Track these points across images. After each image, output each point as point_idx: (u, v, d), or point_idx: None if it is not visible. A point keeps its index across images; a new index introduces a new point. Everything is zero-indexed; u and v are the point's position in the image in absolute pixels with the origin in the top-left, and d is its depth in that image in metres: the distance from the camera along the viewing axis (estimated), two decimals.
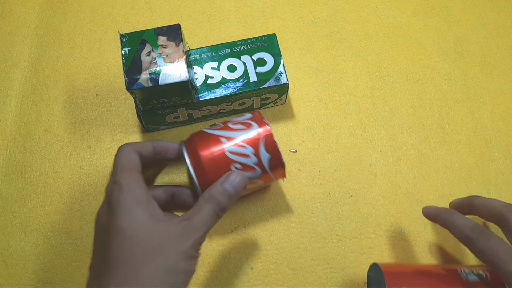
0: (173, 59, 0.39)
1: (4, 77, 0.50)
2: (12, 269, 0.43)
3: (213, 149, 0.37)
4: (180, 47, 0.40)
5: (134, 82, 0.38)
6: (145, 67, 0.39)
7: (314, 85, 0.50)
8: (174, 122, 0.46)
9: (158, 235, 0.32)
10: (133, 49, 0.40)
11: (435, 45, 0.53)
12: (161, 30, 0.40)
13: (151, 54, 0.39)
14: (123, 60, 0.39)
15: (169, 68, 0.39)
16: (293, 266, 0.43)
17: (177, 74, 0.39)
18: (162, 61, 0.39)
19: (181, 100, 0.42)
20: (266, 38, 0.46)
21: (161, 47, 0.40)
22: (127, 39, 0.40)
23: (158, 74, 0.39)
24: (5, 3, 0.54)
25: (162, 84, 0.38)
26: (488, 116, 0.50)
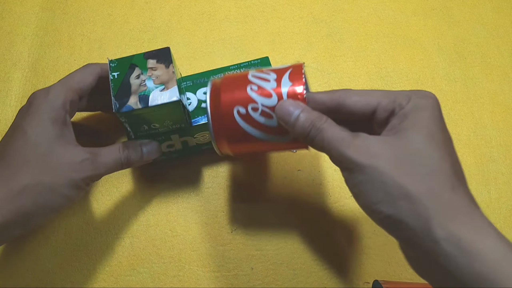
0: (163, 80, 0.38)
1: (4, 77, 0.50)
2: (12, 269, 0.43)
3: (236, 75, 0.36)
4: (170, 68, 0.39)
5: (123, 105, 0.37)
6: (134, 89, 0.38)
7: (314, 85, 0.50)
8: (169, 151, 0.44)
9: (57, 155, 0.34)
10: (122, 73, 0.39)
11: (435, 45, 0.53)
12: (150, 53, 0.40)
13: (140, 77, 0.39)
14: (111, 85, 0.38)
15: (159, 89, 0.38)
16: (293, 266, 0.43)
17: (167, 95, 0.38)
18: (152, 83, 0.38)
19: (174, 125, 0.41)
20: (259, 61, 0.46)
21: (151, 69, 0.39)
22: (116, 64, 0.39)
23: (147, 95, 0.38)
24: (5, 3, 0.54)
25: (152, 105, 0.37)
26: (488, 116, 0.50)
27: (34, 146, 0.34)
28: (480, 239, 0.27)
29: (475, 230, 0.27)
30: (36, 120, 0.35)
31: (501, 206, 0.46)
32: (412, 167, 0.28)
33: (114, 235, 0.44)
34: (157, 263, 0.43)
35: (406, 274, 0.43)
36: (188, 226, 0.44)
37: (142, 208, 0.45)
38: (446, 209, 0.28)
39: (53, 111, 0.35)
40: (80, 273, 0.43)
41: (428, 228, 0.27)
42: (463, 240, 0.26)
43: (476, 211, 0.29)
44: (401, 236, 0.29)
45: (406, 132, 0.29)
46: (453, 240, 0.27)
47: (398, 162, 0.29)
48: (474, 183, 0.47)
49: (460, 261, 0.26)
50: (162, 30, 0.53)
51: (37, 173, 0.33)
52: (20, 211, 0.32)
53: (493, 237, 0.27)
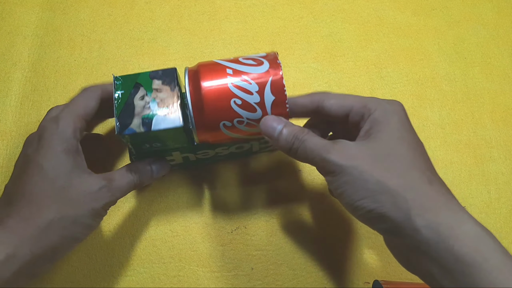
0: (167, 104, 0.38)
1: (4, 77, 0.50)
2: None
3: (216, 80, 0.35)
4: (175, 91, 0.38)
5: (125, 127, 0.37)
6: (138, 111, 0.37)
7: (314, 85, 0.50)
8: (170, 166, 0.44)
9: (76, 186, 0.34)
10: (126, 92, 0.38)
11: (435, 45, 0.53)
12: (156, 73, 0.39)
13: (144, 99, 0.38)
14: (115, 104, 0.37)
15: (163, 112, 0.37)
16: (293, 266, 0.43)
17: (171, 120, 0.37)
18: (156, 106, 0.38)
19: (176, 144, 0.40)
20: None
21: (156, 91, 0.38)
22: (121, 81, 0.38)
23: (151, 119, 0.37)
24: (5, 3, 0.54)
25: (155, 130, 0.37)
26: (488, 116, 0.50)
27: (52, 180, 0.34)
28: (457, 224, 0.29)
29: (453, 217, 0.29)
30: (50, 153, 0.35)
31: (501, 206, 0.46)
32: (389, 165, 0.31)
33: (114, 235, 0.44)
34: (157, 263, 0.43)
35: (406, 274, 0.43)
36: (188, 226, 0.44)
37: (142, 208, 0.45)
38: (425, 200, 0.30)
39: (65, 142, 0.35)
40: (80, 273, 0.43)
41: (408, 218, 0.29)
42: (442, 226, 0.28)
43: (453, 200, 0.31)
44: (384, 229, 0.31)
45: (379, 135, 0.32)
46: (432, 227, 0.28)
47: (376, 162, 0.31)
48: (474, 183, 0.47)
49: (440, 246, 0.28)
50: (162, 30, 0.53)
51: (60, 207, 0.34)
52: (48, 246, 0.33)
53: (470, 223, 0.29)
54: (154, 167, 0.40)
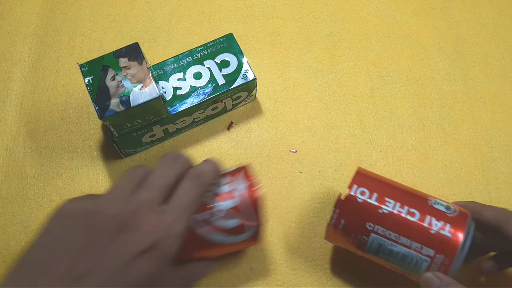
0: (139, 78, 0.38)
1: (4, 77, 0.50)
2: None
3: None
4: (144, 65, 0.39)
5: (105, 109, 0.37)
6: (112, 92, 0.38)
7: (314, 85, 0.50)
8: (151, 141, 0.46)
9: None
10: (96, 77, 0.38)
11: (435, 45, 0.53)
12: (120, 52, 0.40)
13: (116, 78, 0.38)
14: (88, 90, 0.38)
15: (138, 88, 0.38)
16: (293, 266, 0.43)
17: (147, 92, 0.38)
18: (129, 83, 0.38)
19: (155, 117, 0.41)
20: (224, 39, 0.46)
21: (124, 69, 0.39)
22: (87, 68, 0.39)
23: (128, 96, 0.38)
24: (5, 3, 0.54)
25: (135, 105, 0.37)
26: (488, 116, 0.50)
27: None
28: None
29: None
30: (164, 274, 0.30)
31: (501, 206, 0.46)
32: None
33: None
34: None
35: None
36: None
37: None
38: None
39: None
40: None
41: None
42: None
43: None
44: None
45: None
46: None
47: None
48: (474, 183, 0.47)
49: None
50: (162, 30, 0.53)
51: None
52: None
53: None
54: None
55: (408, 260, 0.35)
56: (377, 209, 0.36)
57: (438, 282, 0.33)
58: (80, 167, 0.47)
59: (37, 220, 0.44)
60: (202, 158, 0.47)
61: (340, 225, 0.36)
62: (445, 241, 0.34)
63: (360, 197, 0.36)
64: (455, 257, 0.34)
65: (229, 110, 0.48)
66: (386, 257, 0.36)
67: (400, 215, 0.35)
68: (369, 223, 0.35)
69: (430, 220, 0.35)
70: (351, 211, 0.36)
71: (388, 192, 0.37)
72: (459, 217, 0.35)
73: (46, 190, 0.46)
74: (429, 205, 0.36)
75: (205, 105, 0.44)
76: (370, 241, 0.36)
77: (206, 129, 0.48)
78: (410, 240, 0.34)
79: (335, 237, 0.38)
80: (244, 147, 0.48)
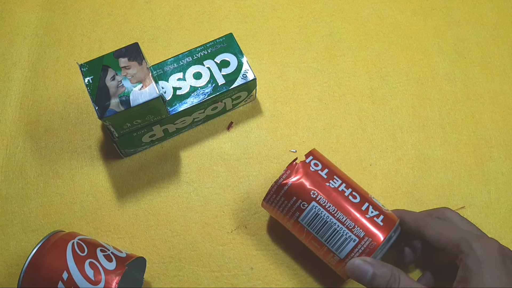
0: (139, 78, 0.38)
1: (4, 77, 0.50)
2: (12, 269, 0.43)
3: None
4: (143, 65, 0.39)
5: (105, 109, 0.37)
6: (112, 92, 0.38)
7: (314, 85, 0.50)
8: (151, 141, 0.46)
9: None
10: (96, 77, 0.39)
11: (435, 45, 0.53)
12: (120, 52, 0.40)
13: (115, 78, 0.38)
14: (88, 90, 0.38)
15: (138, 88, 0.38)
16: (293, 266, 0.43)
17: (147, 92, 0.38)
18: (129, 83, 0.38)
19: (155, 117, 0.41)
20: (224, 39, 0.46)
21: (124, 69, 0.39)
22: (87, 68, 0.39)
23: (128, 96, 0.38)
24: (5, 3, 0.54)
25: (134, 105, 0.38)
26: (488, 116, 0.50)
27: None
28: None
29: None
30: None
31: (501, 206, 0.46)
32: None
33: (114, 235, 0.44)
34: (157, 263, 0.43)
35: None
36: (188, 226, 0.44)
37: (142, 208, 0.45)
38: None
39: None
40: None
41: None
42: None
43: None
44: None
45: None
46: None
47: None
48: (474, 183, 0.47)
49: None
50: (162, 30, 0.53)
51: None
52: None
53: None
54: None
55: (338, 236, 0.37)
56: (325, 182, 0.38)
57: (369, 268, 0.35)
58: (80, 167, 0.47)
59: (37, 220, 0.44)
60: (202, 158, 0.47)
61: (286, 186, 0.38)
62: (376, 227, 0.37)
63: (313, 167, 0.39)
64: (381, 244, 0.36)
65: (229, 110, 0.48)
66: (317, 229, 0.37)
67: (343, 193, 0.38)
68: (314, 191, 0.37)
69: (367, 207, 0.37)
70: (301, 175, 0.38)
71: (337, 173, 0.39)
72: (391, 216, 0.38)
73: (46, 190, 0.46)
74: (369, 196, 0.39)
75: (205, 105, 0.44)
76: (309, 209, 0.37)
77: (206, 129, 0.48)
78: (346, 217, 0.37)
79: (274, 200, 0.39)
80: (244, 147, 0.48)
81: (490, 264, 0.32)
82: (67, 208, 0.45)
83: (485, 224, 0.45)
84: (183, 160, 0.47)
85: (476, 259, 0.32)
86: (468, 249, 0.33)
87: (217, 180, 0.46)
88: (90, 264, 0.35)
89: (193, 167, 0.47)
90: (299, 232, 0.39)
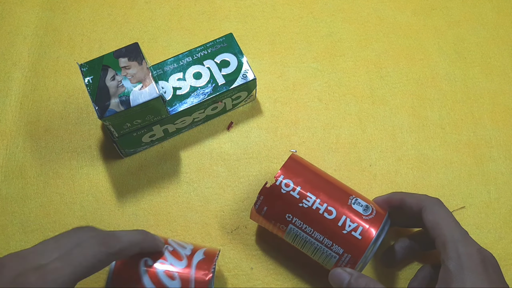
0: (139, 78, 0.38)
1: (4, 77, 0.50)
2: None
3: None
4: (144, 65, 0.39)
5: (105, 109, 0.37)
6: (112, 92, 0.38)
7: (314, 85, 0.50)
8: (151, 141, 0.46)
9: None
10: (96, 77, 0.39)
11: (435, 45, 0.53)
12: (120, 52, 0.40)
13: (115, 78, 0.38)
14: (88, 90, 0.38)
15: (138, 88, 0.38)
16: (293, 266, 0.43)
17: (147, 92, 0.38)
18: (129, 82, 0.38)
19: (155, 117, 0.41)
20: (224, 39, 0.46)
21: (124, 69, 0.39)
22: (87, 68, 0.39)
23: (128, 96, 0.38)
24: (5, 3, 0.54)
25: (134, 105, 0.38)
26: (488, 116, 0.50)
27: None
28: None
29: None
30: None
31: (501, 206, 0.46)
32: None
33: None
34: None
35: (406, 274, 0.43)
36: (188, 226, 0.44)
37: (142, 208, 0.45)
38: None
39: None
40: None
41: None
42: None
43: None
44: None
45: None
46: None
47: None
48: (474, 183, 0.47)
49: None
50: (162, 30, 0.53)
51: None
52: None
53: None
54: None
55: (320, 253, 0.38)
56: (297, 203, 0.38)
57: (347, 277, 0.36)
58: (80, 167, 0.47)
59: (37, 220, 0.44)
60: (202, 158, 0.47)
61: (263, 211, 0.39)
62: (354, 243, 0.36)
63: (284, 188, 0.38)
64: (361, 258, 0.36)
65: (229, 110, 0.48)
66: (301, 246, 0.39)
67: (317, 211, 0.37)
68: (288, 214, 0.38)
69: (344, 221, 0.37)
70: (274, 200, 0.38)
71: (312, 187, 0.38)
72: (374, 219, 0.37)
73: (46, 190, 0.46)
74: (348, 204, 0.38)
75: (205, 105, 0.44)
76: (288, 230, 0.38)
77: (206, 129, 0.48)
78: (323, 237, 0.37)
79: (258, 219, 0.40)
80: (244, 147, 0.48)
81: (472, 271, 0.33)
82: (67, 208, 0.45)
83: (485, 224, 0.45)
84: (183, 160, 0.47)
85: (460, 264, 0.33)
86: (453, 253, 0.33)
87: (217, 180, 0.46)
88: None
89: (193, 167, 0.47)
90: (289, 243, 0.40)
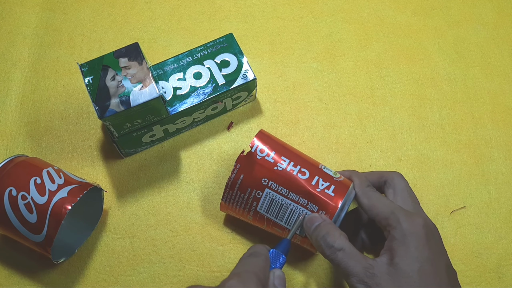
0: (139, 78, 0.38)
1: (4, 77, 0.50)
2: (11, 269, 0.43)
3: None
4: (144, 65, 0.39)
5: (105, 109, 0.37)
6: (112, 92, 0.38)
7: (314, 85, 0.50)
8: (151, 141, 0.46)
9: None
10: (96, 77, 0.39)
11: (435, 45, 0.53)
12: (120, 52, 0.40)
13: (116, 78, 0.38)
14: (88, 90, 0.38)
15: (138, 87, 0.38)
16: (293, 266, 0.43)
17: (147, 92, 0.38)
18: (129, 83, 0.38)
19: (155, 118, 0.41)
20: (224, 39, 0.46)
21: (124, 69, 0.39)
22: (87, 68, 0.39)
23: (128, 96, 0.38)
24: (5, 3, 0.54)
25: (134, 105, 0.38)
26: (488, 116, 0.50)
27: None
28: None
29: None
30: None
31: (501, 206, 0.46)
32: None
33: (114, 235, 0.44)
34: (157, 263, 0.43)
35: None
36: (188, 226, 0.44)
37: (142, 208, 0.45)
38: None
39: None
40: (81, 273, 0.43)
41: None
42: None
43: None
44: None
45: (398, 260, 0.34)
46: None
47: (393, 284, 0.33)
48: (474, 183, 0.47)
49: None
50: (162, 30, 0.53)
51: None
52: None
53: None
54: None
55: (295, 215, 0.38)
56: (272, 166, 0.39)
57: (319, 218, 0.37)
58: (80, 167, 0.47)
59: None
60: (202, 158, 0.47)
61: (239, 180, 0.39)
62: (328, 199, 0.38)
63: (259, 154, 0.39)
64: (335, 214, 0.37)
65: (229, 110, 0.48)
66: (275, 213, 0.39)
67: (292, 173, 0.38)
68: (264, 178, 0.38)
69: (317, 180, 0.38)
70: (250, 166, 0.39)
71: (284, 153, 0.40)
72: (343, 182, 0.39)
73: None
74: (319, 168, 0.39)
75: (205, 105, 0.44)
76: (264, 196, 0.38)
77: (206, 129, 0.48)
78: (298, 196, 0.38)
79: (231, 196, 0.39)
80: (244, 147, 0.48)
81: (415, 237, 0.34)
82: None
83: (485, 224, 0.45)
84: (183, 160, 0.47)
85: (402, 232, 0.34)
86: (396, 223, 0.35)
87: (217, 180, 0.46)
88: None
89: (193, 167, 0.47)
90: (260, 222, 0.40)
